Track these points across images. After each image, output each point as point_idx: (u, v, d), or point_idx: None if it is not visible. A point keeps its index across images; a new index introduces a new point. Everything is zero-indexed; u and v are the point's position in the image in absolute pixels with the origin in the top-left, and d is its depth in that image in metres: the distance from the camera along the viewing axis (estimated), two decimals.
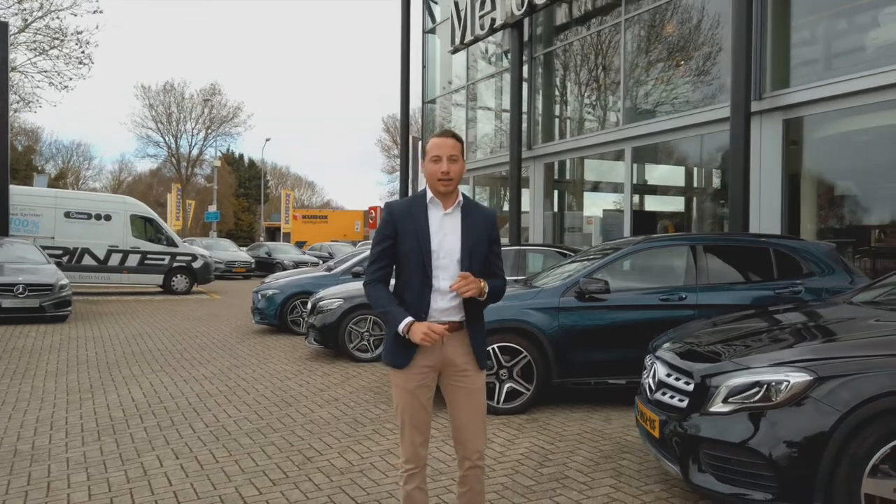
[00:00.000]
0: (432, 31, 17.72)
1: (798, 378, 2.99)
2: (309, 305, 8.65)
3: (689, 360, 3.52)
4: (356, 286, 8.50)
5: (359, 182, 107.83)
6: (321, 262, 23.20)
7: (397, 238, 2.72)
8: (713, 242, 6.10)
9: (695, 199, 12.06)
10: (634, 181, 11.70)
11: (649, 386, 3.79)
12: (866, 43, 8.68)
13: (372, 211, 45.63)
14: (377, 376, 7.16)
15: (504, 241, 13.67)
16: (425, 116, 18.08)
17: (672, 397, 3.50)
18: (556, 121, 13.61)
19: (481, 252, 2.74)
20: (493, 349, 5.49)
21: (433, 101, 17.76)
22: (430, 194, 2.77)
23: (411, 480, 2.79)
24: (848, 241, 8.60)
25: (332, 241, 35.79)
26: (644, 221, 11.98)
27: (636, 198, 11.89)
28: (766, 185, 9.04)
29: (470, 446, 2.77)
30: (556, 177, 13.77)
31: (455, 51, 14.97)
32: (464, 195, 2.81)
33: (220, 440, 4.90)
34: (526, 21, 13.03)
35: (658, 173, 12.45)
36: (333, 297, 8.17)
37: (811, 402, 2.94)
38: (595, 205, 14.02)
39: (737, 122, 8.51)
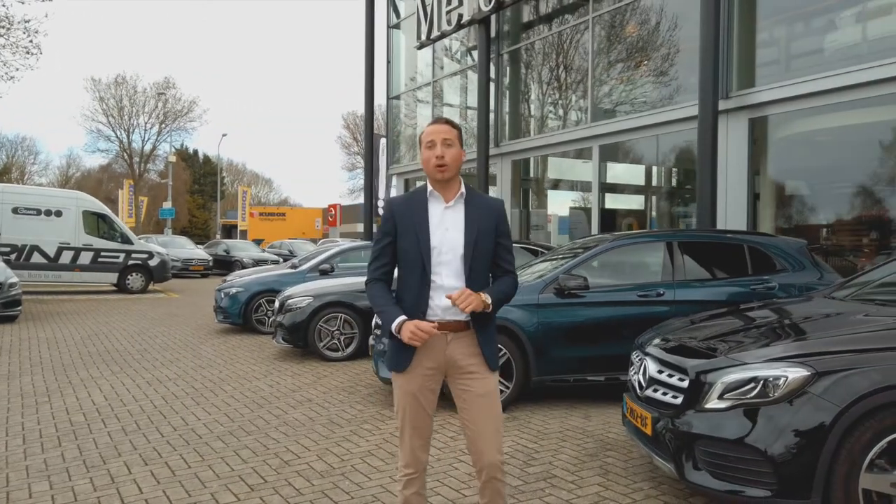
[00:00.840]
0: (397, 26, 17.54)
1: (796, 373, 2.97)
2: (276, 304, 8.42)
3: (682, 356, 3.48)
4: (326, 284, 8.32)
5: (317, 179, 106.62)
6: (281, 259, 22.81)
7: (397, 235, 2.60)
8: (689, 239, 6.12)
9: (661, 196, 12.21)
10: (602, 179, 11.76)
11: (639, 383, 3.74)
12: (826, 45, 8.88)
13: (332, 209, 45.32)
14: (349, 376, 7.00)
15: None
16: (390, 112, 17.90)
17: (665, 394, 3.46)
18: (524, 118, 13.60)
19: (487, 246, 2.60)
20: None
21: (398, 98, 17.59)
22: (430, 187, 2.65)
23: (410, 485, 2.67)
24: (801, 238, 8.80)
25: (292, 238, 35.27)
26: (612, 219, 12.07)
27: (603, 195, 11.95)
28: (732, 182, 9.17)
29: (486, 458, 2.60)
30: (522, 174, 13.76)
31: (421, 46, 14.83)
32: (467, 186, 2.68)
33: (190, 444, 4.69)
34: (493, 18, 12.98)
35: (624, 171, 12.55)
36: (302, 295, 7.96)
37: (809, 397, 2.92)
38: (560, 203, 14.11)
39: (705, 121, 8.59)
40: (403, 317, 2.52)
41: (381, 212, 18.11)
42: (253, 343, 9.20)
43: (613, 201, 12.53)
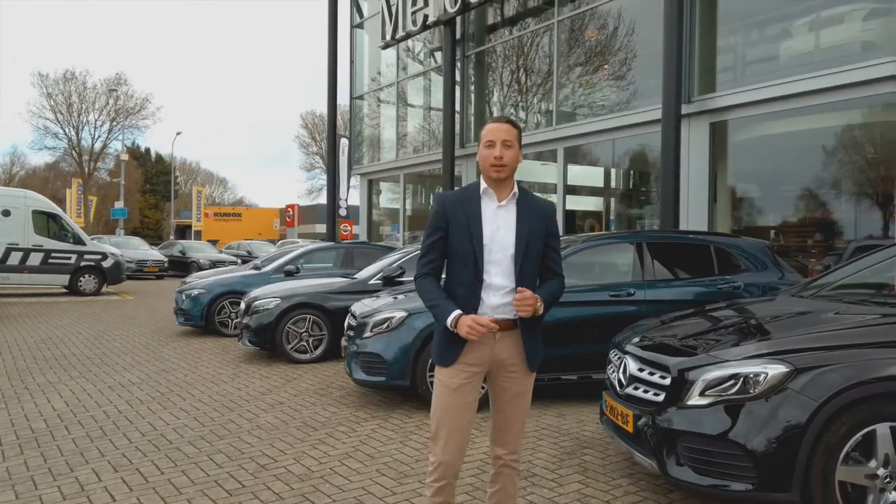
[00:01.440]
0: (360, 25, 17.42)
1: (775, 370, 3.05)
2: (242, 305, 8.27)
3: (663, 354, 3.55)
4: (293, 285, 8.21)
5: (274, 179, 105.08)
6: (239, 261, 22.41)
7: (448, 230, 2.59)
8: (658, 240, 6.25)
9: (619, 198, 12.41)
10: (566, 181, 11.89)
11: (619, 381, 3.80)
12: (781, 52, 9.18)
13: (289, 209, 44.69)
14: (319, 378, 6.92)
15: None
16: (353, 112, 17.76)
17: (646, 392, 3.51)
18: (489, 120, 13.66)
19: (536, 247, 2.61)
20: None
21: (361, 98, 17.47)
22: (483, 184, 2.65)
23: (440, 493, 2.61)
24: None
25: (249, 239, 34.73)
26: (573, 220, 12.22)
27: (565, 197, 12.09)
28: (693, 185, 9.39)
29: (508, 447, 2.71)
30: None
31: (386, 46, 14.77)
32: (520, 187, 2.69)
33: (161, 450, 4.56)
34: (458, 19, 13.01)
35: (585, 173, 12.72)
36: (270, 296, 7.84)
37: (788, 393, 3.01)
38: None
39: (668, 125, 8.78)
40: (459, 311, 2.51)
41: (343, 212, 18.05)
42: (217, 345, 9.01)
43: (574, 203, 12.69)
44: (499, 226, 2.59)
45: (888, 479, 2.98)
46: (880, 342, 3.10)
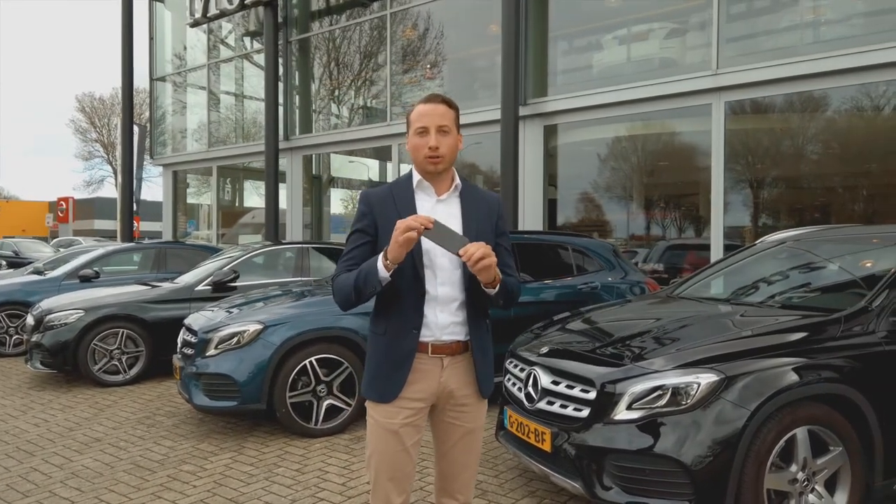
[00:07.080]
0: None
1: (707, 379, 2.94)
2: (29, 319, 6.82)
3: (582, 364, 3.31)
4: (97, 294, 6.93)
5: (41, 169, 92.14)
6: (4, 263, 19.14)
7: (378, 234, 2.11)
8: (524, 241, 6.13)
9: None
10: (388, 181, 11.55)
11: (528, 395, 3.51)
12: (594, 63, 9.70)
13: (62, 202, 39.48)
14: (140, 404, 5.85)
15: (259, 238, 12.58)
16: (152, 96, 15.84)
17: (564, 406, 3.25)
18: (315, 112, 12.86)
19: None
20: (310, 363, 4.80)
21: (163, 79, 15.63)
22: (416, 177, 2.18)
23: None
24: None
25: (15, 237, 29.96)
26: None
27: None
28: (529, 184, 9.54)
29: (456, 497, 2.29)
30: (315, 171, 13.03)
31: (195, 24, 13.31)
32: (461, 176, 2.24)
33: None
34: (280, 1, 12.09)
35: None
36: (68, 307, 6.52)
37: (721, 402, 2.91)
38: (345, 201, 13.74)
39: (507, 125, 8.84)
40: (382, 253, 2.03)
41: (134, 206, 16.15)
42: None
43: None
44: None
45: (805, 482, 3.02)
46: (794, 346, 3.12)
